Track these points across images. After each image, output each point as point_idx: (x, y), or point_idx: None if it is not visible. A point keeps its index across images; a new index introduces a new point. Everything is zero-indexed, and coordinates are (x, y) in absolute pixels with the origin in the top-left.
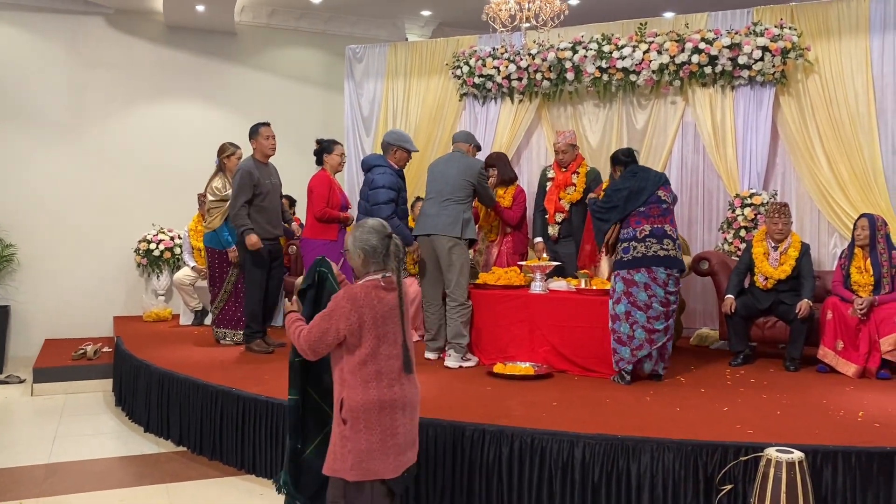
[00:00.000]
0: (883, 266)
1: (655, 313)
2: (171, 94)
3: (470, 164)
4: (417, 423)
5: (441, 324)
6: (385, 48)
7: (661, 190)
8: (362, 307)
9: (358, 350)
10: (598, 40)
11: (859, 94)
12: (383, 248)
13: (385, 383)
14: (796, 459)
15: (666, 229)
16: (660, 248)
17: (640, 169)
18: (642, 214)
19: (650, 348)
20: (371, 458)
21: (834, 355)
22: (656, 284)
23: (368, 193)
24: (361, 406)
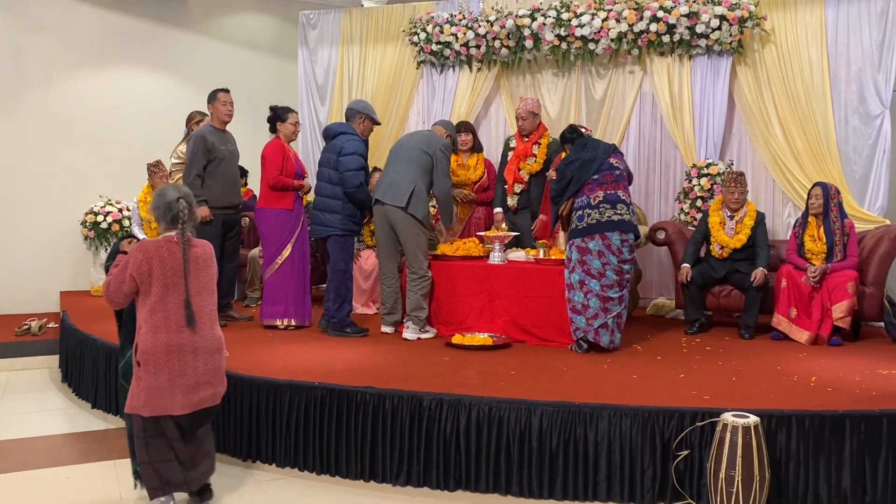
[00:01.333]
0: (835, 234)
1: (609, 282)
2: (118, 60)
3: (433, 137)
4: (217, 366)
5: (398, 297)
6: (340, 14)
7: (613, 157)
8: (152, 258)
9: (148, 298)
10: (557, 8)
11: (814, 64)
12: (174, 209)
13: (174, 329)
14: (751, 424)
15: (619, 195)
16: (613, 213)
17: (589, 140)
18: (596, 182)
19: (605, 317)
20: (160, 396)
21: (788, 323)
22: (610, 252)
23: (338, 160)
24: (151, 349)
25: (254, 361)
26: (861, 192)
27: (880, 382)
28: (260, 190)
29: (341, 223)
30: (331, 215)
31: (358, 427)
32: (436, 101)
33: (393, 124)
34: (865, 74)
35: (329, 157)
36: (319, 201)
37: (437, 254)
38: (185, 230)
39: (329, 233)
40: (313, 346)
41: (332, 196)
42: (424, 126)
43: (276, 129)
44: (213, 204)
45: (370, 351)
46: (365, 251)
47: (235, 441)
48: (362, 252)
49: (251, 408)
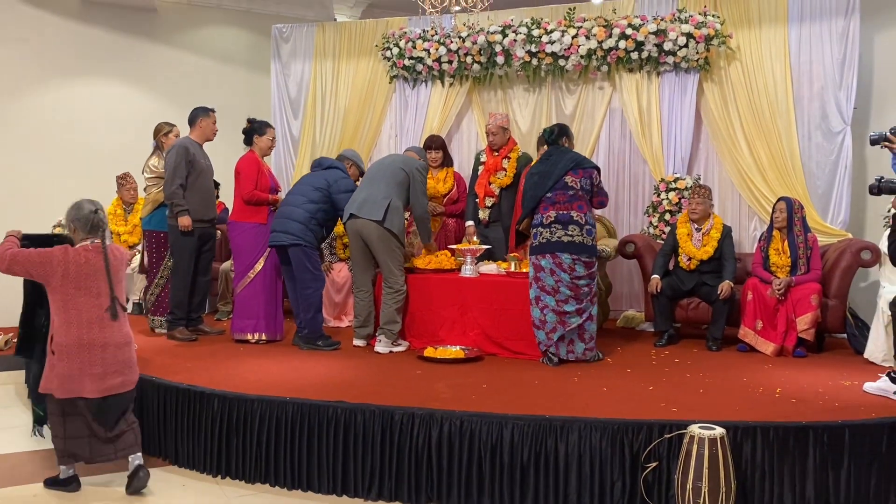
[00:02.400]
0: (799, 248)
1: (564, 296)
2: (86, 72)
3: (409, 158)
4: (126, 358)
5: (371, 310)
6: (313, 28)
7: (569, 175)
8: (59, 264)
9: (55, 296)
10: (528, 24)
11: (778, 81)
12: (91, 220)
13: (86, 326)
14: (718, 435)
15: (572, 215)
16: (564, 234)
17: (554, 151)
18: (549, 201)
19: (563, 330)
20: (71, 381)
21: (754, 335)
22: (561, 269)
23: (333, 196)
24: (64, 342)
25: (224, 376)
26: (824, 206)
27: (843, 393)
28: (233, 203)
29: (304, 234)
30: (295, 224)
31: (329, 442)
32: (408, 115)
33: (366, 138)
34: (827, 92)
35: (318, 178)
36: (287, 209)
37: (409, 267)
38: (103, 238)
39: (293, 241)
40: (284, 360)
41: (302, 209)
42: (397, 139)
43: (251, 142)
44: (191, 217)
45: (342, 365)
46: (337, 264)
47: (205, 457)
48: (334, 265)
49: (221, 423)
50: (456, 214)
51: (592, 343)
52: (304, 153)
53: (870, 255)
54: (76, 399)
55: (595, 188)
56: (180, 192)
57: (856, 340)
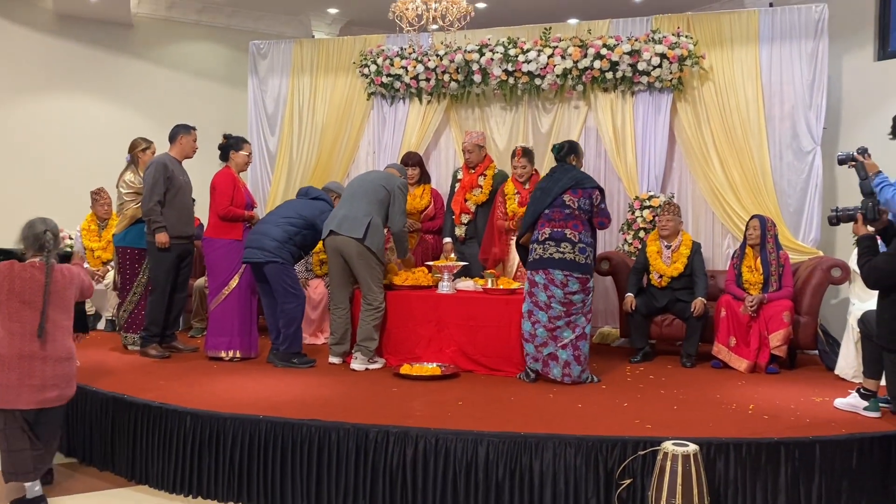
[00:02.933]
0: (771, 265)
1: (556, 313)
2: (61, 87)
3: (391, 176)
4: (65, 373)
5: (347, 327)
6: (291, 44)
7: (568, 194)
8: (4, 279)
9: (1, 309)
10: (505, 44)
11: (750, 101)
12: (41, 239)
13: (28, 339)
14: (691, 452)
15: (566, 233)
16: (556, 251)
17: (559, 169)
18: (546, 217)
19: (556, 346)
20: (9, 392)
21: (727, 351)
22: (554, 285)
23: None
24: (6, 353)
25: (197, 393)
26: (795, 224)
27: (814, 410)
28: (208, 219)
29: (280, 252)
30: (272, 242)
31: (303, 460)
32: (386, 131)
33: (343, 154)
34: (798, 112)
35: (303, 206)
36: (265, 226)
37: (386, 283)
38: (49, 257)
39: (269, 258)
40: (259, 378)
41: (282, 228)
42: (375, 156)
43: (227, 157)
44: (168, 233)
45: (317, 382)
46: (313, 280)
47: (176, 476)
48: (310, 281)
49: (193, 441)
50: (433, 231)
51: (577, 364)
52: (281, 169)
53: (840, 272)
54: (14, 411)
55: (595, 208)
56: (158, 208)
57: (827, 357)
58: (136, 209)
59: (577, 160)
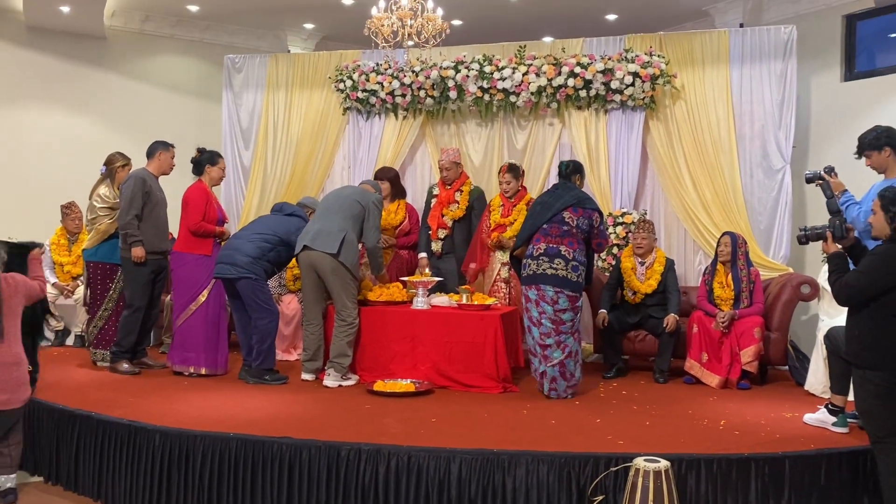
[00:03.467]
0: (742, 281)
1: (546, 330)
2: (32, 99)
3: (365, 192)
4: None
5: (320, 344)
6: (266, 59)
7: (568, 211)
8: None
9: None
10: (480, 61)
11: (721, 120)
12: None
13: None
14: (662, 468)
15: (561, 249)
16: (549, 267)
17: (561, 186)
18: (543, 232)
19: (545, 364)
20: None
21: (699, 367)
22: (544, 302)
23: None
24: None
25: (166, 411)
26: (766, 241)
27: (784, 425)
28: (179, 233)
29: (252, 267)
30: (244, 257)
31: (274, 479)
32: (361, 147)
33: (318, 169)
34: (768, 131)
35: (275, 223)
36: (238, 241)
37: (361, 299)
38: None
39: (241, 274)
40: (230, 394)
41: (255, 244)
42: (350, 170)
43: (202, 171)
44: (144, 248)
45: (289, 399)
46: (287, 296)
47: (144, 495)
48: (284, 297)
49: (162, 460)
50: (408, 246)
51: (574, 381)
52: (255, 183)
53: (809, 289)
54: None
55: (595, 230)
56: (135, 222)
57: (797, 373)
58: (109, 224)
59: (580, 180)
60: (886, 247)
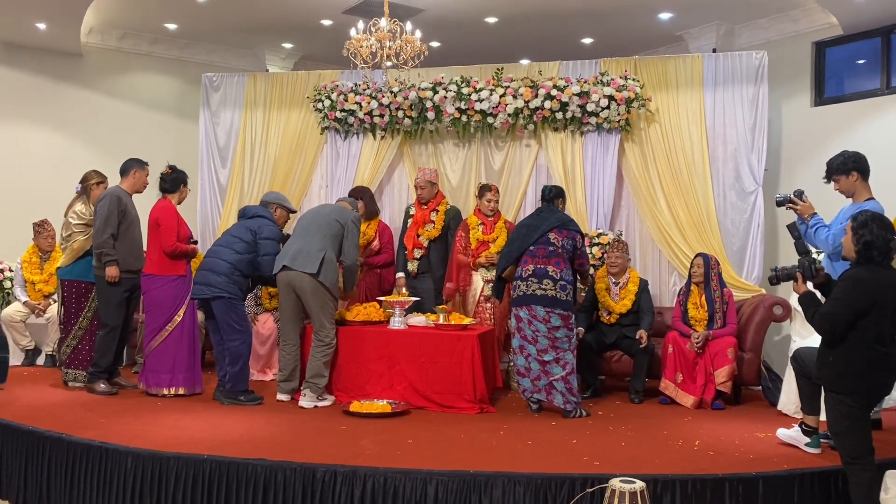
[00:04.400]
0: (716, 302)
1: (543, 346)
2: (6, 116)
3: (343, 210)
4: None
5: (297, 364)
6: (244, 78)
7: (553, 232)
8: None
9: None
10: (458, 82)
11: (694, 143)
12: None
13: None
14: (638, 489)
15: (548, 270)
16: (538, 288)
17: (545, 209)
18: (530, 254)
19: (548, 379)
20: None
21: (674, 387)
22: (537, 321)
23: (258, 242)
24: None
25: (139, 432)
26: (739, 262)
27: (758, 445)
28: (148, 255)
29: (227, 286)
30: (218, 277)
31: (248, 501)
32: (339, 166)
33: (296, 188)
34: (741, 154)
35: (241, 229)
36: (210, 261)
37: (337, 318)
38: None
39: (215, 294)
40: (204, 415)
41: (226, 259)
42: (327, 190)
43: (176, 189)
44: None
45: (264, 420)
46: (263, 315)
47: None
48: (260, 316)
49: (134, 482)
50: (378, 266)
51: (572, 396)
52: (232, 202)
53: (781, 310)
54: None
55: (578, 251)
56: (111, 241)
57: (770, 393)
58: (83, 241)
59: (562, 204)
60: (854, 270)
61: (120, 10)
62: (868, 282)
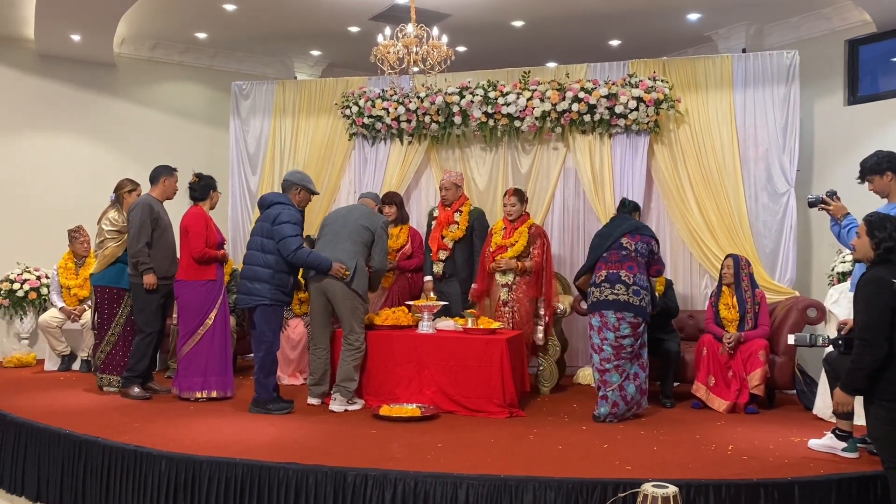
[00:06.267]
0: (747, 303)
1: (606, 356)
2: (42, 125)
3: (373, 214)
4: None
5: (327, 368)
6: (273, 85)
7: (626, 237)
8: None
9: None
10: (485, 86)
11: (725, 144)
12: None
13: None
14: (671, 494)
15: (621, 275)
16: (611, 293)
17: (618, 217)
18: (603, 260)
19: (605, 390)
20: None
21: (706, 391)
22: (606, 328)
23: (272, 229)
24: None
25: (172, 436)
26: (772, 264)
27: (792, 450)
28: (181, 261)
29: (270, 293)
30: (259, 284)
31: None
32: (367, 171)
33: (324, 194)
34: (772, 155)
35: (263, 226)
36: (248, 270)
37: (367, 323)
38: None
39: (257, 302)
40: (236, 419)
41: (262, 265)
42: (356, 195)
43: (206, 196)
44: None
45: (295, 424)
46: (293, 320)
47: None
48: (290, 321)
49: (168, 485)
50: (410, 269)
51: (633, 403)
52: None
53: (816, 312)
54: None
55: (654, 256)
56: (146, 250)
57: (805, 397)
58: (116, 248)
59: (637, 216)
60: (872, 273)
61: (151, 21)
62: (891, 281)
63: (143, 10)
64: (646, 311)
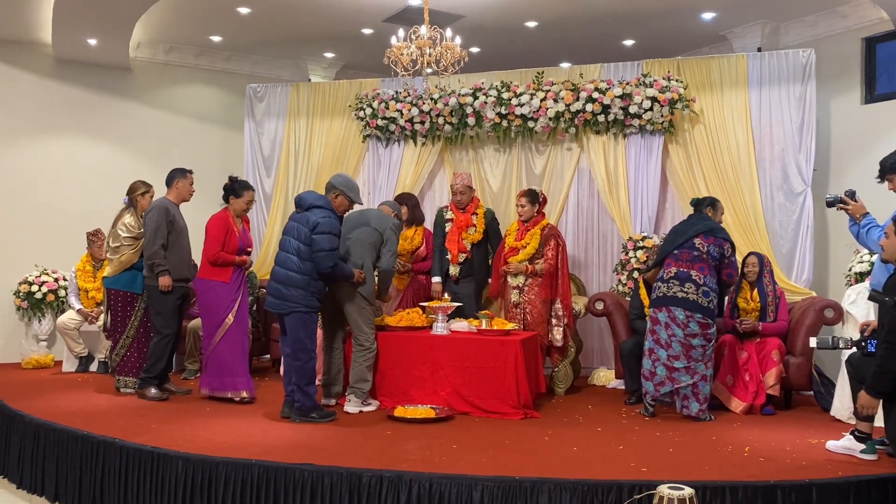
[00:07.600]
0: (768, 296)
1: (675, 352)
2: (59, 129)
3: (383, 216)
4: None
5: (340, 368)
6: (287, 88)
7: (699, 238)
8: None
9: None
10: (498, 87)
11: (740, 143)
12: None
13: None
14: (686, 496)
15: (692, 274)
16: (679, 290)
17: (695, 216)
18: (674, 257)
19: (672, 386)
20: None
21: (724, 389)
22: (675, 325)
23: (311, 237)
24: None
25: (189, 437)
26: (788, 264)
27: (810, 452)
28: (201, 261)
29: (305, 300)
30: (295, 290)
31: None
32: (381, 173)
33: None
34: (788, 154)
35: (299, 229)
36: (282, 273)
37: (380, 324)
38: None
39: (292, 309)
40: (252, 420)
41: (296, 270)
42: (370, 196)
43: (226, 200)
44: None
45: (311, 426)
46: None
47: None
48: None
49: (185, 486)
50: (424, 272)
51: (706, 405)
52: (277, 210)
53: (833, 313)
54: None
55: (726, 260)
56: (162, 252)
57: (822, 398)
58: (131, 254)
59: (713, 213)
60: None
61: (167, 25)
62: None
63: (159, 15)
64: (714, 313)
